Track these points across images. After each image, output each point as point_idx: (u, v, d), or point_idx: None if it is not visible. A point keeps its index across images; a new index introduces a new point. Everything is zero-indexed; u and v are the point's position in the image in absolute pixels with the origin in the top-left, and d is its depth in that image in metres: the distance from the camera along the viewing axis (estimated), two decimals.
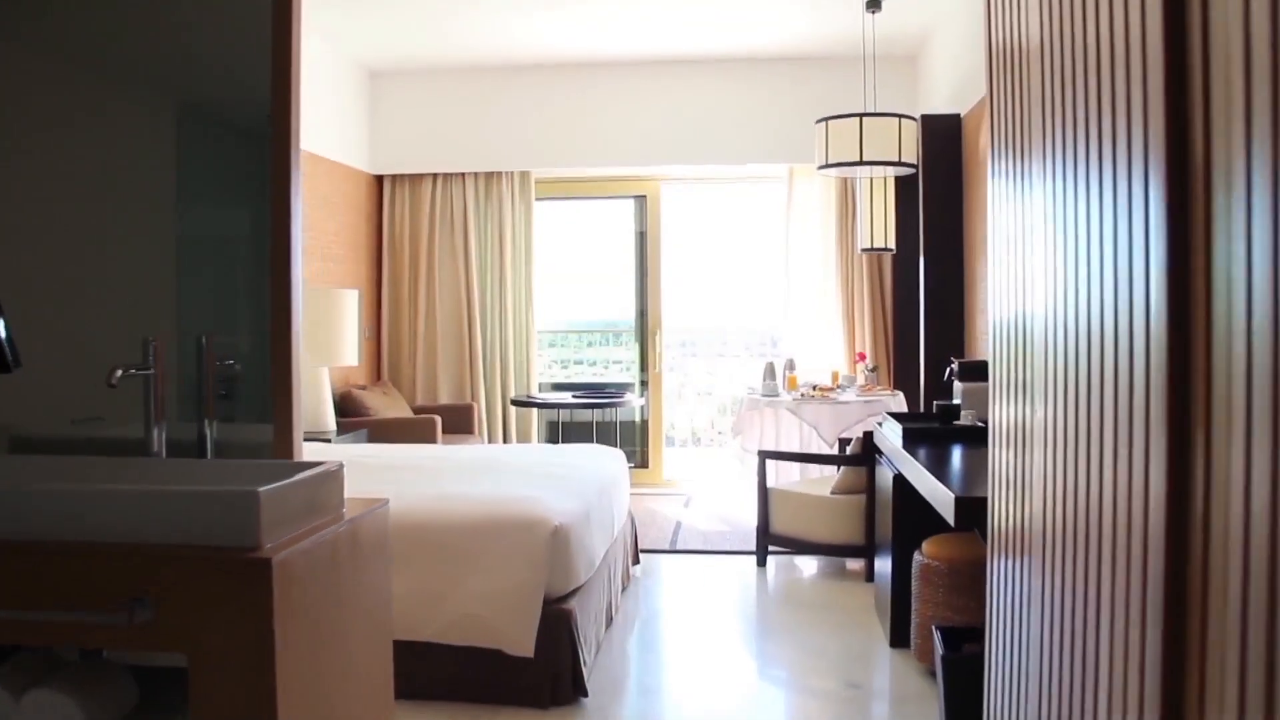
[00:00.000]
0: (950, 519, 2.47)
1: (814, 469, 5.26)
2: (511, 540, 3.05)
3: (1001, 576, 1.89)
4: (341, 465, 1.95)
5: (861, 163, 4.70)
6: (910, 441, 3.54)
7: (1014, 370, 1.79)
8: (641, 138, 6.62)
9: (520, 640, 2.98)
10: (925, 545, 3.35)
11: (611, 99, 6.65)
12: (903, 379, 6.26)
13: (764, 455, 4.82)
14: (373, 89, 6.77)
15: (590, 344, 7.84)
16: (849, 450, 4.67)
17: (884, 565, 3.90)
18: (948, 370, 4.05)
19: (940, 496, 2.58)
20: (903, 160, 4.74)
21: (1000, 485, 1.89)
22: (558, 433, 7.20)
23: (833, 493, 4.59)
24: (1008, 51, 1.75)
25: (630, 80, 6.62)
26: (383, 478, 3.61)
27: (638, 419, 7.27)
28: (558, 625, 3.06)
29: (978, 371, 3.97)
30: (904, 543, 3.56)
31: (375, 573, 2.01)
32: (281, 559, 1.55)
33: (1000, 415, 1.88)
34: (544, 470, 3.78)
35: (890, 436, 3.77)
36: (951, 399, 4.08)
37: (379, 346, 6.87)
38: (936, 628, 2.79)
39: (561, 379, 7.79)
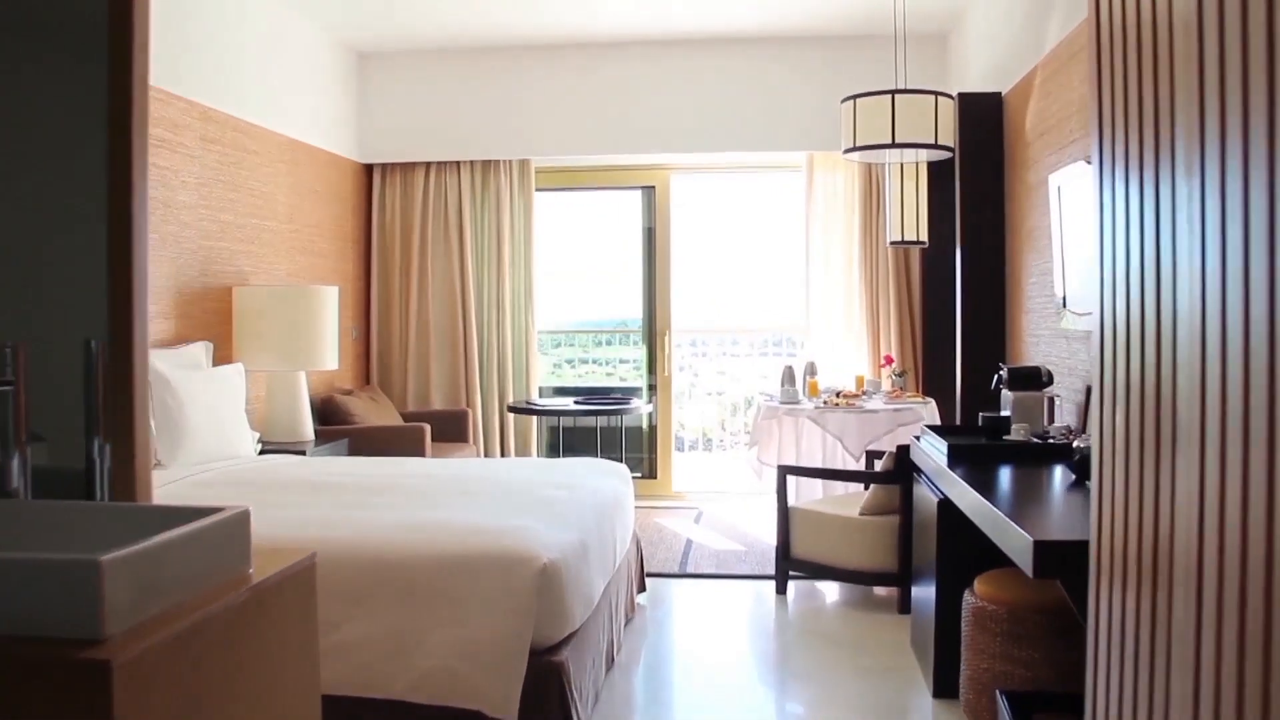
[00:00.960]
0: (1028, 568, 1.99)
1: (838, 485, 4.79)
2: (493, 580, 2.58)
3: (1116, 624, 1.46)
4: (246, 512, 1.48)
5: (894, 145, 4.22)
6: (957, 460, 3.07)
7: (1136, 372, 1.43)
8: (650, 123, 6.15)
9: (502, 699, 2.51)
10: (978, 583, 2.87)
11: (617, 82, 6.18)
12: (933, 385, 5.79)
13: (785, 471, 4.35)
14: (361, 71, 6.32)
15: (599, 343, 7.39)
16: (880, 466, 4.19)
17: (923, 595, 3.43)
18: (995, 378, 3.57)
19: (1012, 539, 2.11)
20: (939, 142, 4.26)
21: (1113, 505, 1.49)
22: (559, 440, 6.74)
23: (862, 513, 4.12)
24: (1129, 27, 1.46)
25: (638, 61, 6.16)
26: (349, 500, 3.15)
27: (645, 425, 6.80)
28: (547, 680, 2.59)
29: (1030, 379, 3.49)
30: (950, 578, 3.08)
31: (295, 645, 1.55)
32: (130, 659, 1.09)
33: (1113, 422, 1.51)
34: (535, 492, 3.31)
35: (932, 454, 3.30)
36: (999, 410, 3.61)
37: (368, 348, 6.42)
38: (1001, 692, 2.32)
39: (572, 379, 7.34)
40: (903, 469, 3.98)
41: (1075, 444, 2.95)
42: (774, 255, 7.02)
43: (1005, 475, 2.97)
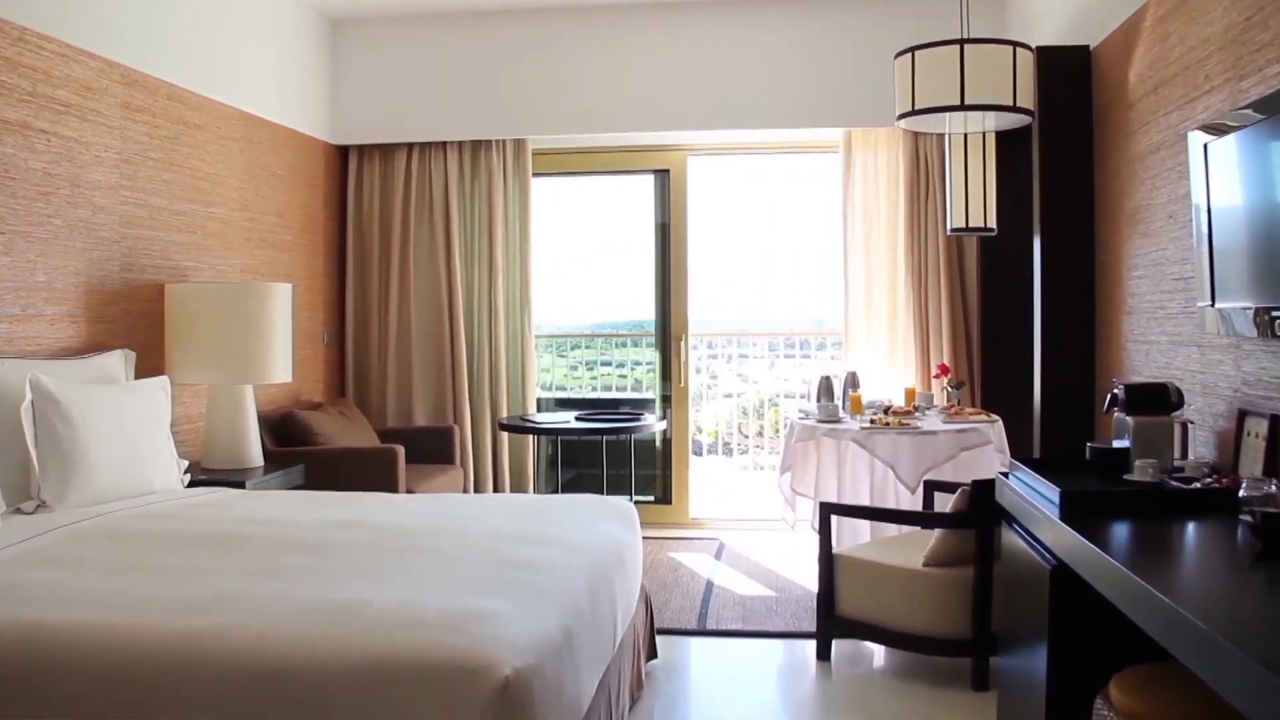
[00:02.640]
0: None
1: (889, 524, 3.98)
2: (433, 699, 1.79)
3: None
4: None
5: (963, 107, 3.41)
6: (1076, 512, 2.27)
7: None
8: (663, 98, 5.36)
9: None
10: (1115, 688, 2.06)
11: (626, 50, 5.39)
12: (993, 399, 4.96)
13: (829, 510, 3.54)
14: (334, 41, 5.56)
15: (613, 345, 6.64)
16: (951, 505, 3.38)
17: (1014, 673, 2.64)
18: (1109, 397, 2.76)
19: (1246, 683, 1.30)
20: (1018, 105, 3.46)
21: None
22: (558, 455, 5.96)
23: (926, 564, 3.31)
24: None
25: (649, 27, 5.37)
26: (255, 565, 2.36)
27: (658, 440, 6.01)
28: None
29: (1155, 400, 2.68)
30: (1070, 674, 2.28)
31: None
32: None
33: None
34: (510, 551, 2.52)
35: (1030, 498, 2.49)
36: (1110, 440, 2.80)
37: (341, 355, 5.65)
38: None
39: (587, 381, 6.59)
40: (979, 509, 3.18)
41: (1243, 492, 2.14)
42: (806, 248, 6.24)
43: (1150, 538, 2.16)
